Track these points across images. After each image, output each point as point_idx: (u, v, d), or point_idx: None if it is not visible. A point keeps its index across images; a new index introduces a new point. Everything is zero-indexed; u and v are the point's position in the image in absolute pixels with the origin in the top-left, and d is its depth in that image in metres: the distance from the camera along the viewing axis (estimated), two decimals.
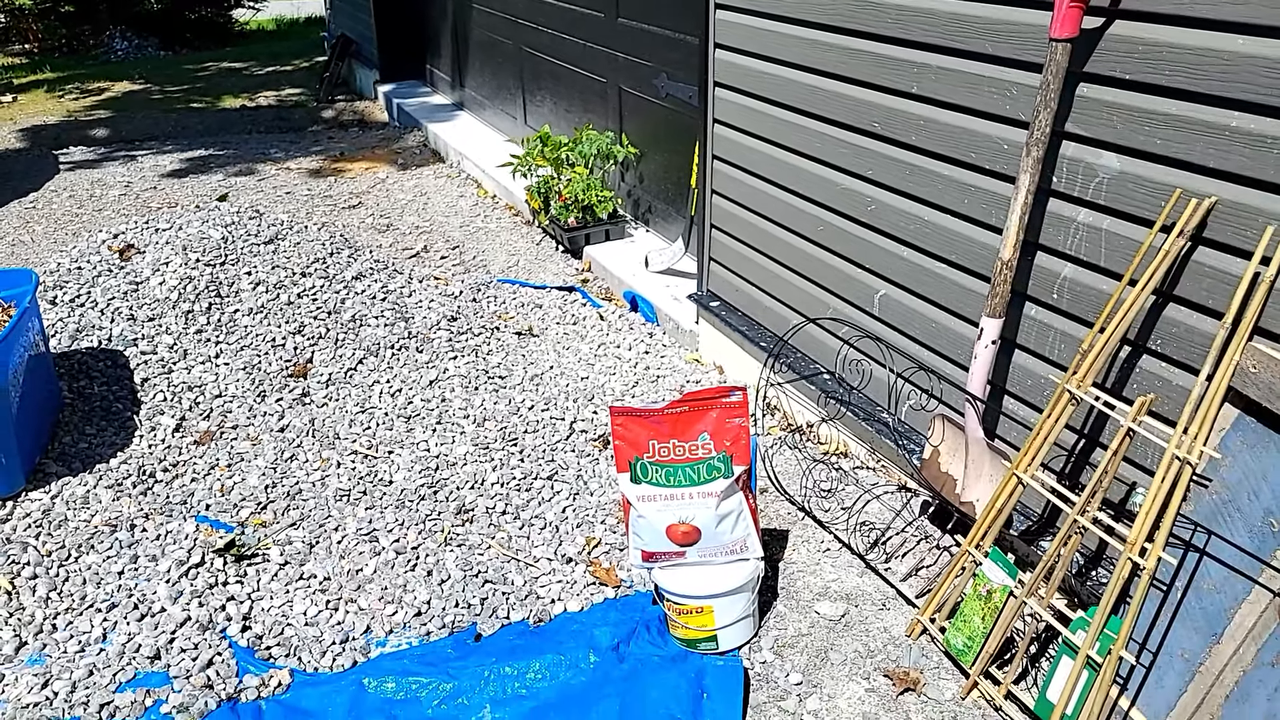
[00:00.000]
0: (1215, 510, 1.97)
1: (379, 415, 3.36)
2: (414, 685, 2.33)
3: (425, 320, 3.88)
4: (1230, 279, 1.99)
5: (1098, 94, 2.20)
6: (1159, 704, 2.03)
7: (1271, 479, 1.88)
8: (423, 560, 2.74)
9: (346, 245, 4.24)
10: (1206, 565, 1.98)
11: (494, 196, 6.06)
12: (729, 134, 3.62)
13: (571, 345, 3.97)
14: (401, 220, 5.69)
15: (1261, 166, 1.90)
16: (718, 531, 2.40)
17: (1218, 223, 2.00)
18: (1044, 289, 2.45)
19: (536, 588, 2.67)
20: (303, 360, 3.59)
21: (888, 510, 2.92)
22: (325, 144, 7.47)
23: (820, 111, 3.10)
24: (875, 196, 2.94)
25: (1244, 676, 1.88)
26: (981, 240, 2.59)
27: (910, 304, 2.91)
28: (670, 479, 2.39)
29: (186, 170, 6.74)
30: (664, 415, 2.38)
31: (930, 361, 2.86)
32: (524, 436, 3.28)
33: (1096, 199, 2.25)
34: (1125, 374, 2.28)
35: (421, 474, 3.08)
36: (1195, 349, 2.09)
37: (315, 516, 2.91)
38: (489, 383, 3.57)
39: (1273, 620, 1.85)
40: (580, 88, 5.59)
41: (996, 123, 2.48)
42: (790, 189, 3.32)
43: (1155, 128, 2.08)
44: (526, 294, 4.45)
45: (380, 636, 2.51)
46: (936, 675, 2.36)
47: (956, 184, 2.64)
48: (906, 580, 2.66)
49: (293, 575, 2.69)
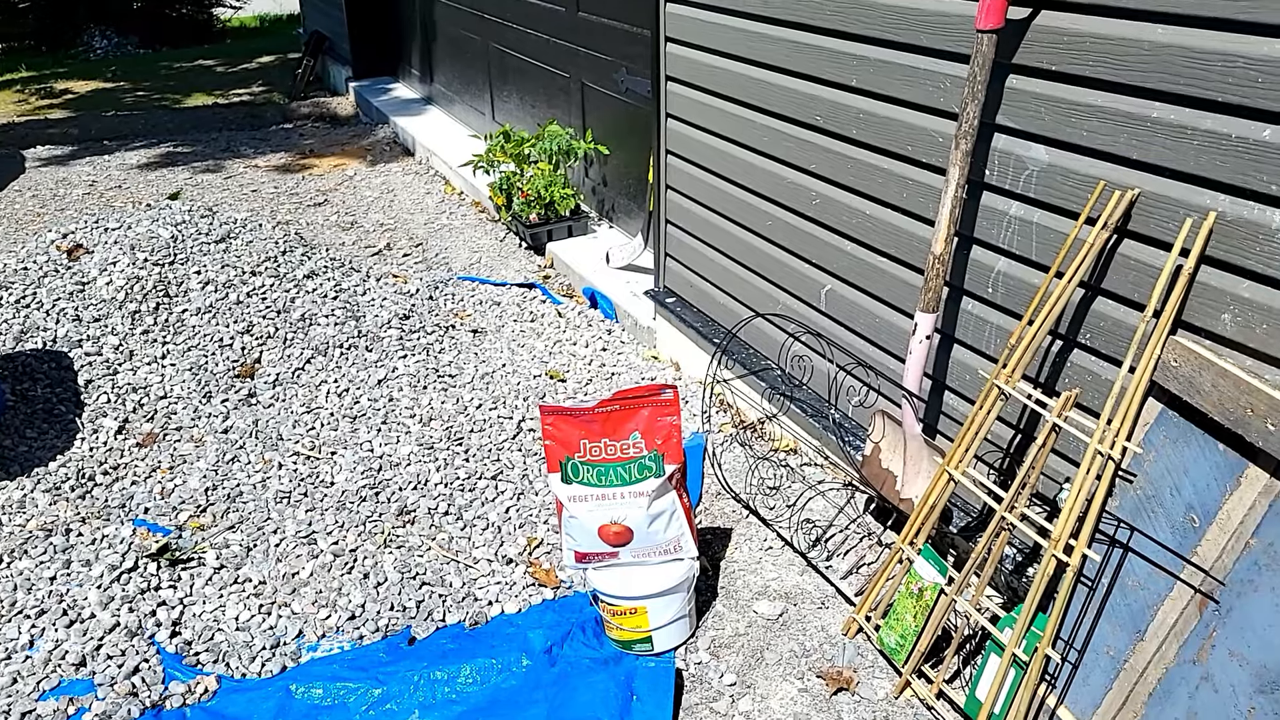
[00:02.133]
0: (1140, 506, 1.95)
1: (324, 415, 3.33)
2: (342, 691, 2.30)
3: (377, 319, 3.84)
4: (1153, 271, 1.96)
5: (1026, 86, 2.17)
6: (1085, 702, 2.01)
7: (1193, 474, 1.85)
8: (360, 563, 2.71)
9: (300, 243, 4.20)
10: (1131, 562, 1.95)
11: (461, 193, 6.02)
12: (682, 129, 3.59)
13: (527, 343, 3.94)
14: (366, 217, 5.65)
15: (1181, 157, 1.87)
16: (650, 531, 2.37)
17: (1141, 215, 1.97)
18: (979, 283, 2.42)
19: (475, 589, 2.64)
20: (250, 360, 3.55)
21: (833, 507, 2.89)
22: (295, 141, 7.42)
23: (767, 105, 3.06)
24: (820, 191, 2.92)
25: (1167, 674, 1.86)
26: (921, 234, 2.57)
27: (855, 299, 2.88)
28: (602, 479, 2.36)
29: (153, 168, 6.69)
30: (595, 414, 2.35)
31: (875, 357, 2.84)
32: (470, 436, 3.25)
33: (1027, 192, 2.23)
34: (1057, 368, 2.26)
35: (364, 475, 3.04)
36: (1122, 342, 2.06)
37: (254, 519, 2.88)
38: (438, 381, 3.54)
39: (1194, 617, 1.83)
40: (544, 83, 5.56)
41: (932, 115, 2.45)
42: (741, 184, 3.29)
43: (1081, 119, 2.06)
44: (486, 291, 4.41)
45: (312, 641, 2.48)
46: (871, 674, 2.33)
47: (896, 178, 2.61)
48: (847, 578, 2.63)
49: (227, 579, 2.65)
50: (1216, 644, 1.78)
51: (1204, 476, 1.84)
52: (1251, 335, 1.81)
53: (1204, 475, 1.84)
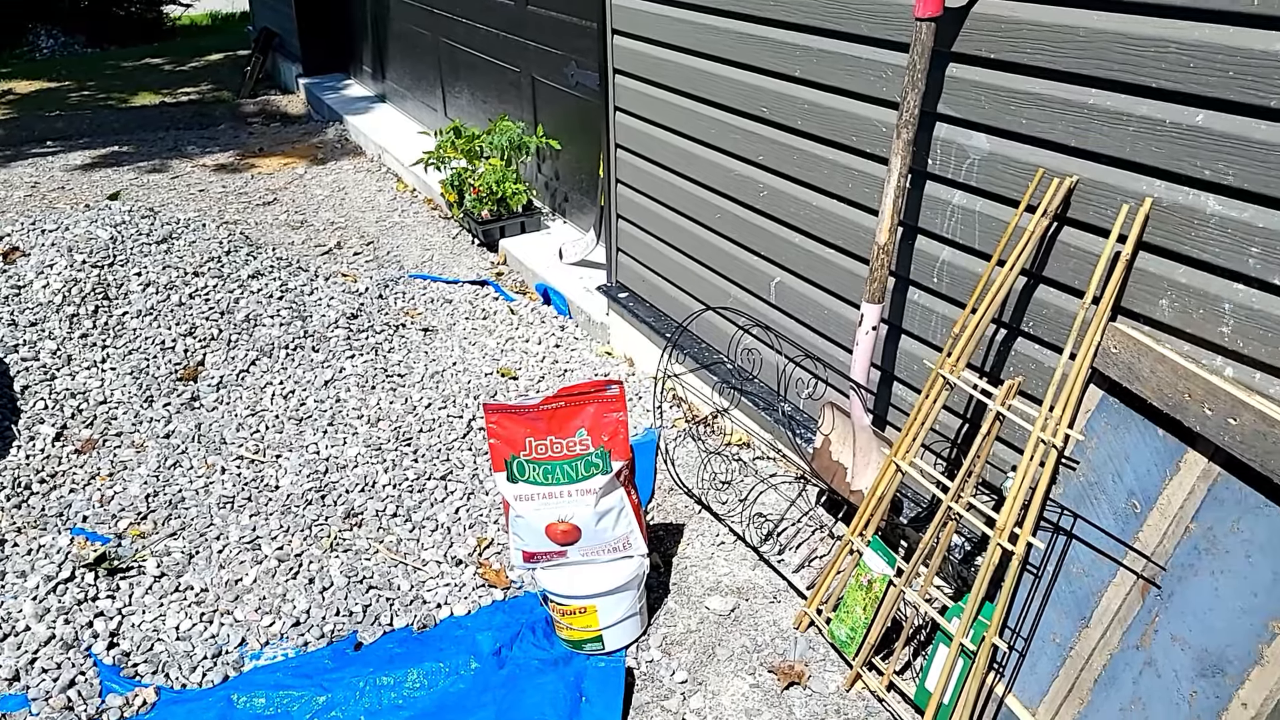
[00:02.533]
0: (1083, 492, 1.95)
1: (269, 418, 3.26)
2: (285, 699, 2.25)
3: (324, 318, 3.77)
4: (1092, 258, 1.96)
5: (966, 74, 2.16)
6: (1033, 689, 2.01)
7: (1134, 460, 1.86)
8: (306, 568, 2.66)
9: (246, 243, 4.12)
10: (1075, 549, 1.95)
11: (413, 190, 5.95)
12: (630, 121, 3.55)
13: (479, 340, 3.89)
14: (316, 216, 5.56)
15: (1117, 144, 1.87)
16: (598, 529, 2.34)
17: (1080, 201, 1.97)
18: (925, 273, 2.41)
19: (423, 592, 2.60)
20: (193, 363, 3.48)
21: (785, 500, 2.88)
22: (244, 139, 7.29)
23: (714, 97, 3.04)
24: (767, 183, 2.90)
25: (1111, 659, 1.86)
26: (867, 225, 2.56)
27: (804, 290, 2.87)
28: (548, 477, 2.33)
29: (97, 168, 6.54)
30: (540, 411, 2.31)
31: (825, 348, 2.82)
32: (419, 436, 3.20)
33: (969, 180, 2.22)
34: (1001, 356, 2.26)
35: (310, 478, 2.98)
36: (1063, 329, 2.06)
37: (197, 525, 2.81)
38: (387, 381, 3.48)
39: (1137, 602, 1.83)
40: (495, 78, 5.50)
41: (875, 105, 2.44)
42: (690, 176, 3.27)
43: (1021, 107, 2.05)
44: (438, 289, 4.35)
45: (256, 649, 2.42)
46: (822, 668, 2.32)
47: (841, 168, 2.60)
48: (799, 572, 2.62)
49: (168, 588, 2.59)
50: (1159, 629, 1.78)
51: (1145, 462, 1.84)
52: (1189, 320, 1.82)
53: (1145, 461, 1.84)
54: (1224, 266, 1.74)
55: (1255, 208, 1.68)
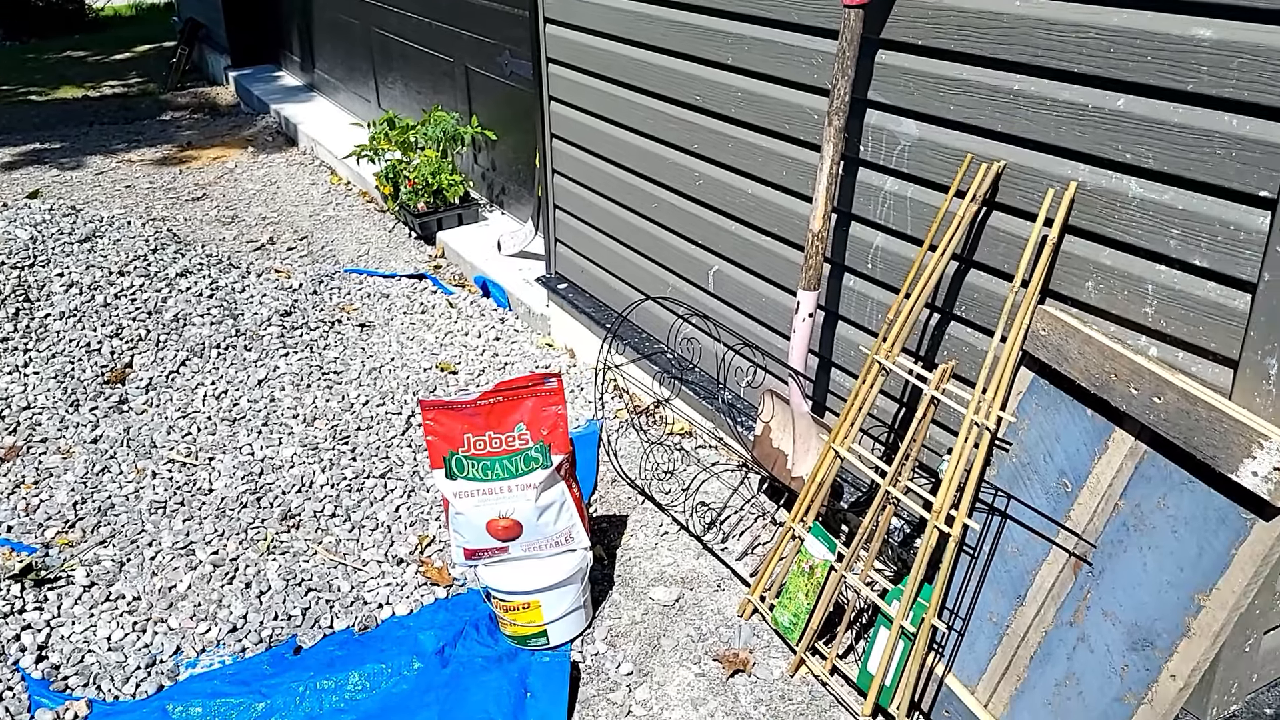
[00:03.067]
0: (1016, 473, 1.98)
1: (201, 420, 3.18)
2: (223, 707, 2.20)
3: (256, 316, 3.69)
4: (1020, 242, 1.99)
5: (895, 60, 2.18)
6: (971, 668, 2.04)
7: (1064, 440, 1.89)
8: (242, 572, 2.60)
9: (173, 240, 4.01)
10: (1010, 529, 1.99)
11: (348, 183, 5.85)
12: (566, 111, 3.53)
13: (417, 335, 3.84)
14: (248, 211, 5.44)
15: (1042, 129, 1.89)
16: (540, 524, 2.32)
17: (1007, 186, 2.00)
18: (860, 259, 2.43)
19: (364, 593, 2.56)
20: (120, 365, 3.38)
21: (728, 489, 2.89)
22: (172, 133, 7.11)
23: (648, 86, 3.03)
24: (703, 171, 2.90)
25: (1046, 636, 1.90)
26: (802, 212, 2.56)
27: (741, 278, 2.87)
28: (487, 473, 2.31)
29: (16, 166, 6.33)
30: (478, 406, 2.29)
31: (764, 336, 2.83)
32: (357, 434, 3.15)
33: (900, 167, 2.24)
34: (935, 341, 2.28)
35: (244, 480, 2.92)
36: (994, 313, 2.09)
37: (127, 532, 2.73)
38: (323, 379, 3.42)
39: (1069, 580, 1.87)
40: (428, 68, 5.42)
41: (806, 92, 2.45)
42: (626, 166, 3.25)
43: (949, 93, 2.07)
44: (374, 283, 4.29)
45: (191, 657, 2.37)
46: (767, 654, 2.33)
47: (776, 156, 2.60)
48: (742, 559, 2.63)
49: (99, 597, 2.52)
50: (1091, 605, 1.82)
51: (1074, 442, 1.87)
52: (1114, 301, 1.85)
53: (1074, 440, 1.87)
54: (1146, 248, 1.77)
55: (1175, 190, 1.71)
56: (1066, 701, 1.85)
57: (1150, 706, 1.71)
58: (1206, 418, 1.62)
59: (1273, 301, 1.58)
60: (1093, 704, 1.80)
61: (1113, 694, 1.77)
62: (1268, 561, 1.57)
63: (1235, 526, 1.60)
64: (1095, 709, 1.80)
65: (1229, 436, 1.59)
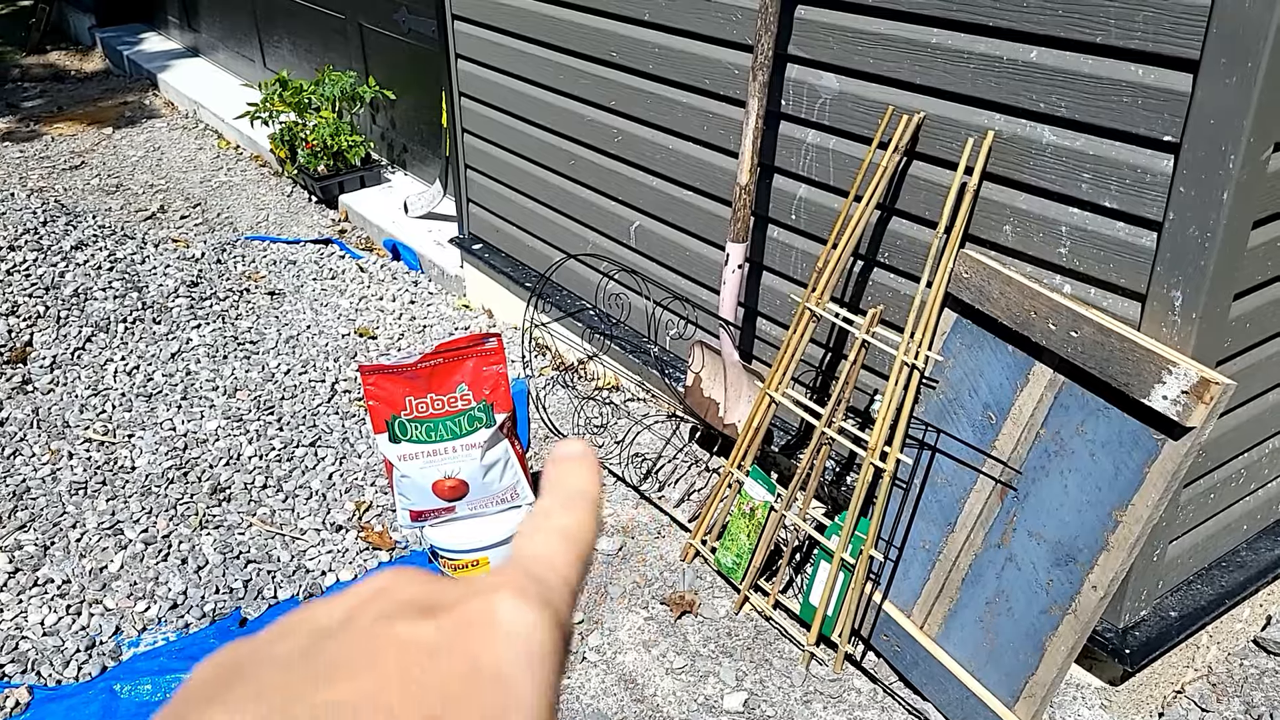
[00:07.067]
0: (944, 409, 2.10)
1: (114, 396, 3.08)
2: (173, 683, 2.18)
3: (161, 288, 3.57)
4: (942, 190, 2.09)
5: (815, 15, 2.24)
6: (906, 594, 2.17)
7: (987, 375, 2.01)
8: (176, 548, 2.56)
9: (64, 212, 3.83)
10: (939, 461, 2.11)
11: (237, 147, 5.64)
12: (474, 69, 3.49)
13: (330, 301, 3.78)
14: (133, 179, 5.21)
15: (960, 81, 1.99)
16: (486, 482, 2.36)
17: (928, 137, 2.09)
18: (783, 210, 2.51)
19: (305, 561, 2.55)
20: (20, 344, 3.23)
21: (660, 439, 2.96)
22: (36, 100, 6.71)
23: (561, 43, 3.03)
24: (621, 127, 2.92)
25: (976, 559, 2.04)
26: (724, 166, 2.62)
27: (665, 234, 2.92)
28: (431, 434, 2.32)
29: None
30: (419, 369, 2.30)
31: (688, 289, 2.90)
32: (282, 404, 3.10)
33: (821, 120, 2.31)
34: (861, 287, 2.38)
35: (168, 455, 2.85)
36: (918, 259, 2.20)
37: (48, 515, 2.65)
38: (239, 350, 3.35)
39: (996, 505, 2.00)
40: (318, 25, 5.25)
41: (726, 48, 2.49)
42: (540, 124, 3.25)
43: (868, 47, 2.15)
44: (279, 250, 4.18)
45: (133, 636, 2.33)
46: (711, 595, 2.43)
47: (696, 111, 2.65)
48: (679, 506, 2.71)
49: (25, 583, 2.44)
50: (1017, 527, 1.96)
51: (997, 376, 2.00)
52: (1030, 244, 1.97)
53: (997, 375, 2.00)
54: (1060, 192, 1.89)
55: (1086, 136, 1.83)
56: (997, 618, 2.00)
57: (1074, 616, 1.86)
58: (1120, 348, 1.76)
59: (1177, 239, 1.72)
60: (1021, 618, 1.95)
61: (1039, 607, 1.92)
62: (1176, 477, 1.73)
63: (1148, 447, 1.75)
64: (1024, 622, 1.95)
65: (1141, 365, 1.73)
